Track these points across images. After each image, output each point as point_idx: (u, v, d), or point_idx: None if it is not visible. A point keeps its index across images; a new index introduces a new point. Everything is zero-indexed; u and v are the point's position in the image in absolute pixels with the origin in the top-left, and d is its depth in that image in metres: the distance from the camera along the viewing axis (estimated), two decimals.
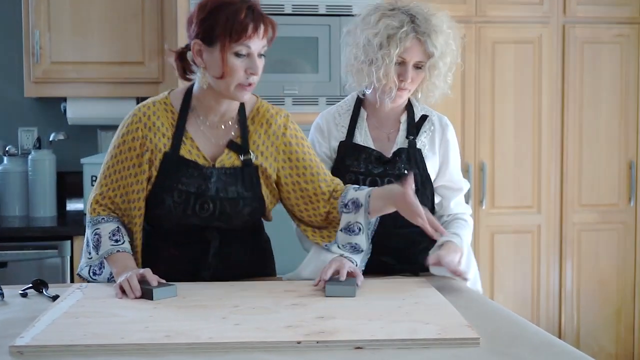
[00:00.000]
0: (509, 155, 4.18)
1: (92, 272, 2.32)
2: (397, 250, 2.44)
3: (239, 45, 2.15)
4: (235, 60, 2.16)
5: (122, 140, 2.31)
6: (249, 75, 2.18)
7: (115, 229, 2.29)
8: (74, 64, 3.97)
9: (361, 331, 1.75)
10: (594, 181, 4.26)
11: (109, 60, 3.99)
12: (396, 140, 2.51)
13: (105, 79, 3.99)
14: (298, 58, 3.81)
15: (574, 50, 4.19)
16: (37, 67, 3.94)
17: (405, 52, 2.39)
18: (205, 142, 2.31)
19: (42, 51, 3.93)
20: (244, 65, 2.17)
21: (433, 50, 2.38)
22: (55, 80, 3.97)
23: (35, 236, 3.71)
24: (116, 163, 2.31)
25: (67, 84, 3.99)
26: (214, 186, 2.27)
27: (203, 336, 1.71)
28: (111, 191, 2.32)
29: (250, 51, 2.17)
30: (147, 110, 2.31)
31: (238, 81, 2.19)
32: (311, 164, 2.36)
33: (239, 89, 2.21)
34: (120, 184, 2.30)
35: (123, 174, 2.30)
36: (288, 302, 2.03)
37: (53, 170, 4.11)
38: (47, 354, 1.64)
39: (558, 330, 4.25)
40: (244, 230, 2.37)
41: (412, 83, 2.43)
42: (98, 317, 1.89)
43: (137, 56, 4.01)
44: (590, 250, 4.27)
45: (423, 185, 2.47)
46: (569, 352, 1.69)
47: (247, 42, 2.15)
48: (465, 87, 4.11)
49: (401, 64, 2.41)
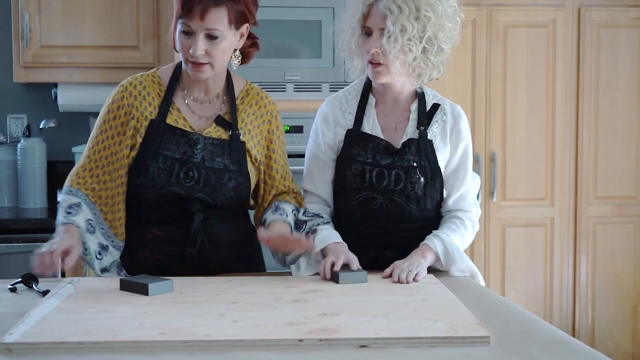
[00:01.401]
0: (521, 145, 4.18)
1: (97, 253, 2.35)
2: (402, 244, 2.44)
3: (181, 23, 2.27)
4: (182, 36, 2.28)
5: (107, 110, 2.41)
6: (190, 56, 2.27)
7: (76, 203, 2.34)
8: (66, 47, 3.96)
9: (366, 329, 1.75)
10: (609, 172, 4.25)
11: (102, 44, 3.98)
12: (406, 130, 2.49)
13: (98, 63, 3.98)
14: (300, 42, 3.81)
15: (590, 35, 4.18)
16: (26, 52, 3.93)
17: (367, 20, 2.37)
18: (191, 115, 2.41)
19: (32, 34, 3.92)
20: (188, 43, 2.27)
21: (386, 11, 2.32)
22: (45, 65, 3.96)
23: (25, 228, 3.71)
24: (101, 133, 2.40)
25: (58, 69, 3.98)
26: (200, 154, 2.35)
27: (200, 333, 1.71)
28: (93, 162, 2.39)
29: (191, 29, 2.26)
30: (134, 81, 2.42)
31: (185, 57, 2.30)
32: (282, 162, 2.50)
33: (189, 67, 2.31)
34: (104, 155, 2.38)
35: (107, 143, 2.38)
36: (289, 298, 2.03)
37: (43, 160, 4.11)
38: (37, 352, 1.64)
39: (572, 328, 4.25)
40: (228, 209, 2.41)
41: (385, 55, 2.36)
42: (90, 312, 1.89)
43: (131, 40, 4.00)
44: (606, 244, 4.27)
45: (432, 178, 2.46)
46: (583, 351, 1.69)
47: (186, 20, 2.24)
48: (475, 74, 4.10)
49: (368, 34, 2.39)
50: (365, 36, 2.40)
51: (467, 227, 2.50)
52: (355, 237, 2.46)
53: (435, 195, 2.48)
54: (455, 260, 2.41)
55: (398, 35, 2.33)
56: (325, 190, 2.52)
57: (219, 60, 2.31)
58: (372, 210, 2.45)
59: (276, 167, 2.49)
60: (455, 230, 2.46)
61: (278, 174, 2.49)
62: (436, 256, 2.39)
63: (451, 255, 2.40)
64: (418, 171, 2.44)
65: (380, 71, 2.40)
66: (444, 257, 2.40)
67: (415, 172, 2.44)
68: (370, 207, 2.45)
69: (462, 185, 2.52)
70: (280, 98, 3.71)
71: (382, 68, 2.39)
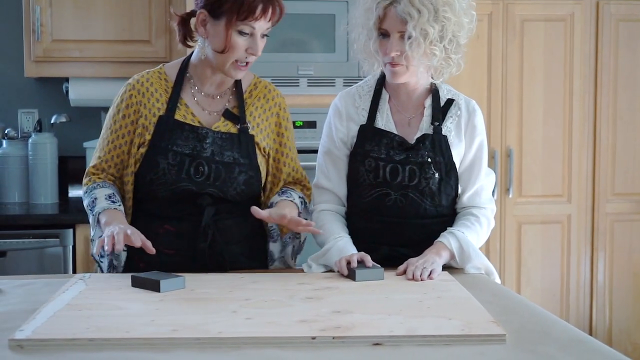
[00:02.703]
0: (538, 140, 4.17)
1: (100, 253, 2.38)
2: (416, 241, 2.43)
3: (244, 24, 2.28)
4: (238, 37, 2.30)
5: (116, 110, 2.43)
6: (248, 55, 2.32)
7: (112, 193, 2.38)
8: (77, 42, 3.98)
9: (380, 326, 1.75)
10: (628, 168, 4.24)
11: (114, 38, 4.00)
12: (420, 125, 2.49)
13: (110, 58, 4.00)
14: (314, 36, 3.81)
15: (609, 29, 4.16)
16: (37, 46, 3.95)
17: (383, 22, 2.37)
18: (200, 111, 2.43)
19: (43, 28, 3.94)
20: (246, 44, 2.31)
21: (405, 16, 2.32)
22: (57, 59, 3.98)
23: (36, 224, 3.73)
24: (112, 133, 2.43)
25: (70, 64, 4.00)
26: (210, 148, 2.38)
27: (212, 331, 1.72)
28: (105, 163, 2.42)
29: (254, 31, 2.29)
30: (141, 78, 2.45)
31: (237, 58, 2.32)
32: (292, 155, 2.53)
33: (234, 66, 2.34)
34: (115, 154, 2.42)
35: (118, 142, 2.42)
36: (302, 296, 2.03)
37: (54, 155, 4.13)
38: (49, 348, 1.65)
39: (589, 327, 4.24)
40: (239, 204, 2.42)
41: (404, 57, 2.36)
42: (102, 309, 1.90)
43: (143, 34, 4.01)
44: (624, 242, 4.25)
45: (447, 174, 2.46)
46: (601, 350, 1.69)
47: (252, 22, 2.28)
48: (491, 68, 4.09)
49: (385, 35, 2.39)
50: (382, 38, 2.39)
51: (482, 224, 2.49)
52: (369, 233, 2.46)
53: (450, 192, 2.48)
54: (470, 258, 2.40)
55: (421, 40, 2.33)
56: (340, 186, 2.52)
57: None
58: (386, 206, 2.44)
59: (284, 160, 2.50)
60: (470, 228, 2.45)
61: (286, 166, 2.51)
62: (451, 254, 2.39)
63: (466, 253, 2.40)
64: (432, 167, 2.44)
65: (399, 71, 2.39)
66: (459, 254, 2.39)
67: (429, 168, 2.43)
68: (384, 203, 2.45)
69: (477, 181, 2.51)
70: (294, 93, 3.71)
71: (401, 68, 2.39)
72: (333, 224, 2.48)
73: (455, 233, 2.41)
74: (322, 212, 2.53)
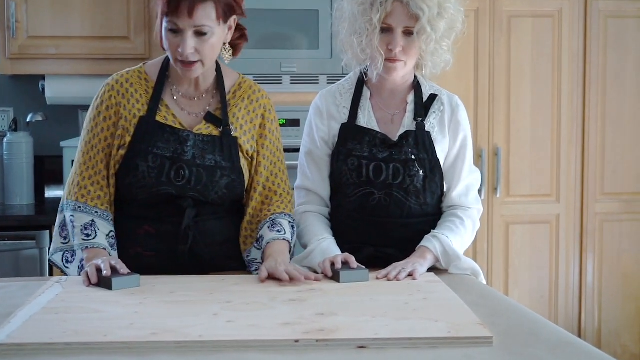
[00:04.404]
0: (526, 139, 4.18)
1: (65, 259, 2.39)
2: (401, 241, 2.44)
3: (167, 21, 2.24)
4: (169, 34, 2.26)
5: (96, 113, 2.40)
6: (180, 55, 2.26)
7: (89, 222, 2.35)
8: (53, 38, 3.96)
9: (364, 329, 1.75)
10: (617, 168, 4.26)
11: (91, 34, 3.98)
12: (403, 122, 2.50)
13: (87, 55, 3.98)
14: (297, 32, 3.81)
15: (597, 25, 4.18)
16: (13, 42, 3.93)
17: (389, 17, 2.37)
18: (180, 112, 2.40)
19: (19, 25, 3.92)
20: (177, 41, 2.25)
21: (418, 12, 2.35)
22: (32, 56, 3.96)
23: (11, 226, 3.71)
24: (94, 137, 2.39)
25: (46, 61, 3.98)
26: (191, 151, 2.35)
27: (193, 334, 1.71)
28: (91, 169, 2.38)
29: (178, 27, 2.24)
30: (120, 78, 2.41)
31: (174, 56, 2.28)
32: (272, 159, 2.48)
33: (179, 66, 2.30)
34: (99, 159, 2.38)
35: (101, 146, 2.38)
36: (285, 298, 2.03)
37: (30, 154, 4.11)
38: (24, 353, 1.64)
39: (578, 329, 4.26)
40: (221, 206, 2.41)
41: (405, 53, 2.40)
42: (79, 312, 1.89)
43: (121, 30, 4.00)
44: (613, 242, 4.27)
45: (432, 171, 2.47)
46: (589, 352, 1.69)
47: (173, 18, 2.22)
48: (478, 65, 4.10)
49: (388, 30, 2.39)
50: (385, 34, 2.40)
51: (467, 227, 2.50)
52: (353, 234, 2.47)
53: (435, 189, 2.48)
54: (455, 262, 2.41)
55: (433, 36, 2.37)
56: (323, 186, 2.53)
57: (209, 57, 2.30)
58: (370, 206, 2.45)
59: (264, 164, 2.47)
60: (454, 231, 2.46)
61: (266, 170, 2.47)
62: (435, 258, 2.40)
63: (451, 257, 2.41)
64: (417, 164, 2.44)
65: (398, 67, 2.42)
66: (444, 258, 2.40)
67: (413, 165, 2.44)
68: (368, 202, 2.45)
69: (462, 178, 2.52)
70: (276, 90, 3.71)
71: (400, 64, 2.41)
72: (316, 226, 2.49)
73: (439, 236, 2.42)
74: (305, 214, 2.53)
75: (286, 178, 2.52)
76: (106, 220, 2.36)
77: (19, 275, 3.51)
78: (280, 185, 2.49)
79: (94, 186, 2.37)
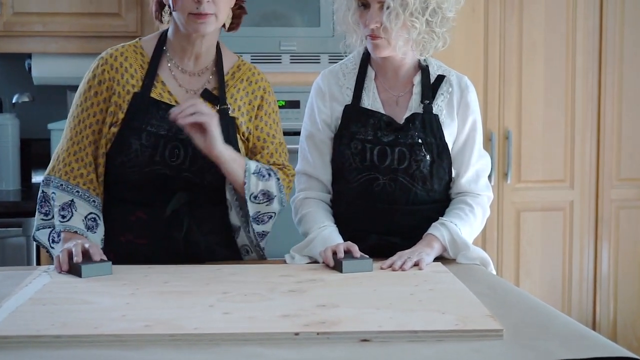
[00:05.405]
0: (538, 122, 4.17)
1: (52, 239, 2.39)
2: (407, 229, 2.44)
3: None
4: None
5: (87, 87, 2.40)
6: (197, 4, 2.27)
7: (68, 202, 2.36)
8: (40, 14, 3.96)
9: (368, 322, 1.75)
10: (634, 152, 4.25)
11: (80, 10, 3.97)
12: (409, 104, 2.49)
13: (76, 32, 3.98)
14: (297, 9, 3.80)
15: (614, 2, 4.17)
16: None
17: None
18: (177, 89, 2.42)
19: (3, 1, 3.91)
20: None
21: None
22: (18, 33, 3.96)
23: None
24: (82, 112, 2.40)
25: (32, 38, 3.98)
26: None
27: (188, 326, 1.72)
28: (77, 145, 2.39)
29: None
30: (115, 52, 2.42)
31: (188, 10, 2.29)
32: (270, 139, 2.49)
33: (191, 20, 2.30)
34: (86, 134, 2.38)
35: (90, 121, 2.38)
36: (285, 289, 2.04)
37: (16, 137, 4.11)
38: (10, 346, 1.64)
39: (592, 321, 4.27)
40: (217, 190, 2.42)
41: (385, 30, 2.36)
42: (68, 304, 1.89)
43: (112, 6, 3.99)
44: (630, 230, 4.27)
45: (439, 156, 2.46)
46: (604, 345, 1.69)
47: None
48: (488, 45, 4.09)
49: (365, 6, 2.39)
50: (362, 8, 2.39)
51: (476, 215, 2.50)
52: (356, 221, 2.47)
53: (442, 175, 2.48)
54: (463, 251, 2.41)
55: (399, 10, 2.33)
56: (324, 171, 2.52)
57: (223, 10, 2.33)
58: (374, 192, 2.45)
59: (262, 145, 2.47)
60: (463, 219, 2.46)
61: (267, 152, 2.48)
62: (443, 246, 2.40)
63: (459, 246, 2.41)
64: (423, 148, 2.44)
65: (380, 44, 2.40)
66: (452, 247, 2.40)
67: (420, 150, 2.44)
68: (372, 188, 2.45)
69: (470, 163, 2.52)
70: (275, 70, 3.70)
71: (381, 41, 2.39)
72: (317, 213, 2.49)
73: (447, 224, 2.42)
74: (305, 200, 2.53)
75: (285, 161, 2.53)
76: (86, 201, 2.37)
77: (5, 264, 3.51)
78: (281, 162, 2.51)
79: (78, 163, 2.38)
